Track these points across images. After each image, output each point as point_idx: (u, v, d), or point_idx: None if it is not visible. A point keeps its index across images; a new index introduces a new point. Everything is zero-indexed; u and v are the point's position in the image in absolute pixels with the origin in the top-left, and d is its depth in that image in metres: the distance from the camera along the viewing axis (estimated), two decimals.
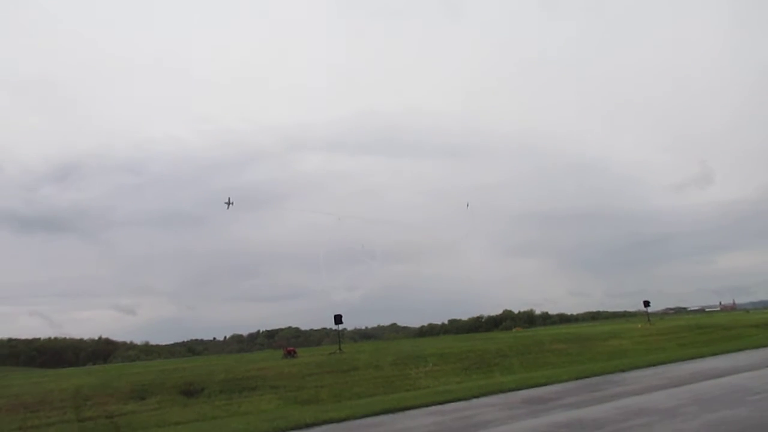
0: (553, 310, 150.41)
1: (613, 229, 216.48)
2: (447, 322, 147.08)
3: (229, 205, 42.16)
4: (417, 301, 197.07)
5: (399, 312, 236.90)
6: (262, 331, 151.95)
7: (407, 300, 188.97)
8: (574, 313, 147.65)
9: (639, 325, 53.71)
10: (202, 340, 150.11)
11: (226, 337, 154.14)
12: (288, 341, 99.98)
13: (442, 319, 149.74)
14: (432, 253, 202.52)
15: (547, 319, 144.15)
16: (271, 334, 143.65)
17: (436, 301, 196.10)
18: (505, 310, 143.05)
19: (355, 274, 61.15)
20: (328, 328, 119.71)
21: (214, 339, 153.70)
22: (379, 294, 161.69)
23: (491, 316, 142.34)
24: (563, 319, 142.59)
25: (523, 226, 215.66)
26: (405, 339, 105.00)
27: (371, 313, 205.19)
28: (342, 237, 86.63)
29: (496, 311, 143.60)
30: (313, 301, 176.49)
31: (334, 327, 41.73)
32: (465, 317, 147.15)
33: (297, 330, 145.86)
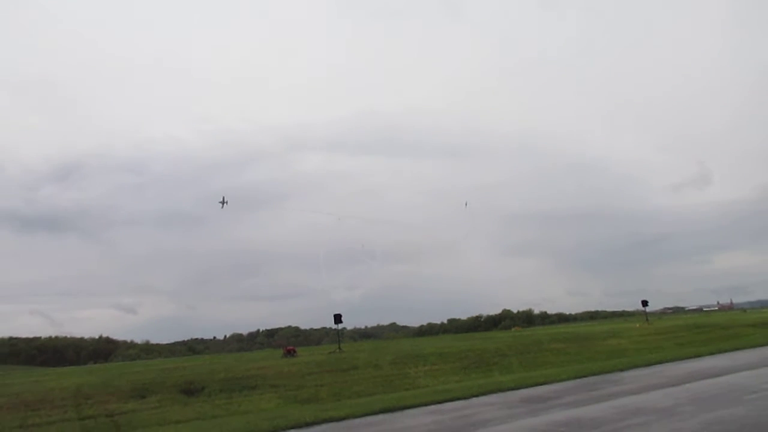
0: (552, 310, 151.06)
1: (613, 229, 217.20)
2: (446, 322, 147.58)
3: (224, 204, 42.15)
4: (416, 301, 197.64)
5: (398, 311, 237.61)
6: (262, 330, 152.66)
7: (407, 299, 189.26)
8: (573, 313, 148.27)
9: (637, 325, 53.89)
10: (202, 339, 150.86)
11: (226, 336, 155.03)
12: (288, 340, 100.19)
13: (441, 319, 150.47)
14: (431, 253, 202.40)
15: (545, 318, 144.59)
16: (271, 334, 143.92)
17: (435, 301, 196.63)
18: (504, 310, 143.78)
19: (355, 273, 61.37)
20: (327, 328, 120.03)
21: (215, 338, 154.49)
22: (378, 293, 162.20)
23: (490, 315, 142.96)
24: (562, 318, 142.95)
25: (522, 226, 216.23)
26: (404, 338, 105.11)
27: (371, 313, 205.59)
28: (342, 237, 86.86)
29: (495, 311, 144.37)
30: (312, 300, 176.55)
31: (334, 326, 41.99)
32: (464, 317, 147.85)
33: (297, 329, 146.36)
